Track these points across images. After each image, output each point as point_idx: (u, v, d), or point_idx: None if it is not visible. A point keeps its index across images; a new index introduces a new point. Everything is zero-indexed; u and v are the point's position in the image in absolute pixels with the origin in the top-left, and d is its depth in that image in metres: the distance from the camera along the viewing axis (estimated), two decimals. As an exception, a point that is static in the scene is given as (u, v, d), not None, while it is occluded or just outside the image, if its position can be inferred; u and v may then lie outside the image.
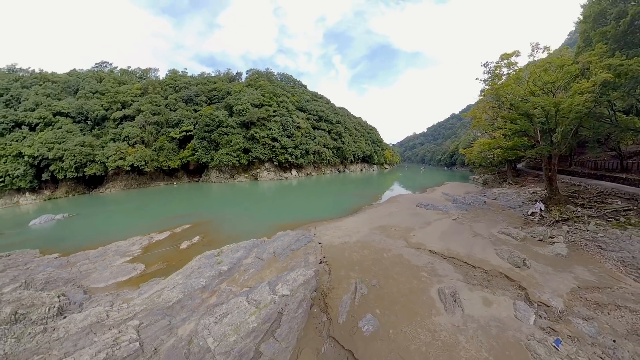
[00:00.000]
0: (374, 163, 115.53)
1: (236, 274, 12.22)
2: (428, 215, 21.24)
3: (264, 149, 68.37)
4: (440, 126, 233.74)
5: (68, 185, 55.44)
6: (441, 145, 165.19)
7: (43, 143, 51.76)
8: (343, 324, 8.38)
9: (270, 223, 22.67)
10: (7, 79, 60.88)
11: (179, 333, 8.04)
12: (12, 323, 9.24)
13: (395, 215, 22.03)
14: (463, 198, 27.95)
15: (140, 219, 29.45)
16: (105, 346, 7.38)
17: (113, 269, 14.79)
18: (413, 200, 29.05)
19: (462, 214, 21.39)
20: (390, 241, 15.37)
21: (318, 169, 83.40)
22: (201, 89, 78.03)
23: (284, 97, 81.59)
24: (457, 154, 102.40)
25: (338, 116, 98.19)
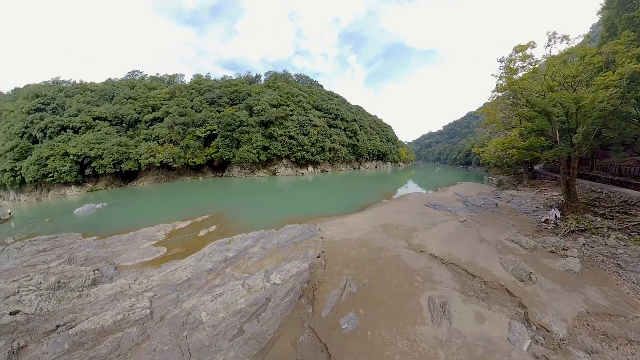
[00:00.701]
0: (389, 161, 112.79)
1: (240, 260, 12.67)
2: (435, 216, 19.77)
3: (282, 147, 69.33)
4: (457, 124, 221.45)
5: (107, 179, 60.23)
6: (457, 144, 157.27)
7: (85, 143, 56.43)
8: (325, 318, 8.21)
9: (281, 216, 22.74)
10: (53, 90, 66.12)
11: (183, 306, 8.94)
12: (55, 289, 10.56)
13: (401, 214, 20.81)
14: (474, 199, 25.86)
15: (167, 209, 31.54)
16: (123, 310, 8.60)
17: (140, 250, 16.26)
18: (423, 199, 27.37)
19: (470, 217, 19.47)
20: (391, 240, 14.52)
21: (333, 165, 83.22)
22: (223, 91, 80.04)
23: (301, 96, 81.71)
24: (473, 154, 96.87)
25: (353, 114, 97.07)
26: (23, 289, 10.43)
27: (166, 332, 7.73)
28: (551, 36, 17.05)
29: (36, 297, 9.73)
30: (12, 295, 9.79)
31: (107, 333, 7.74)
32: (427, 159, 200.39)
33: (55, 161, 54.13)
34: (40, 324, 8.35)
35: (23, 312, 8.82)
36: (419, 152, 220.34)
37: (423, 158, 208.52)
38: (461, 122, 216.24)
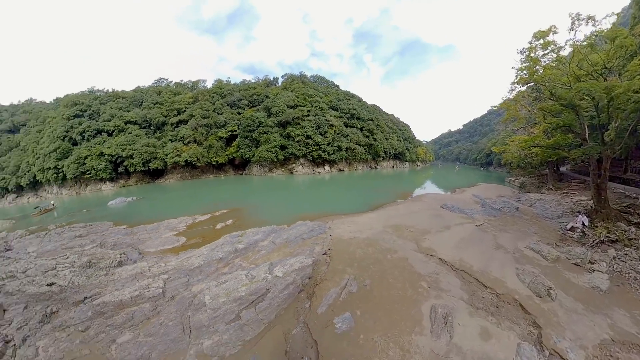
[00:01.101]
0: (406, 160, 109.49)
1: (250, 252, 12.90)
2: (450, 218, 18.32)
3: (299, 146, 69.89)
4: (477, 122, 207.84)
5: (137, 176, 64.51)
6: (477, 143, 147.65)
7: (118, 145, 60.84)
8: (320, 315, 8.04)
9: (295, 213, 22.72)
10: (89, 98, 71.55)
11: (192, 289, 9.48)
12: (86, 267, 11.53)
13: (414, 214, 19.59)
14: (493, 202, 23.76)
15: (189, 203, 33.01)
16: (140, 288, 9.46)
17: (162, 239, 17.21)
18: (439, 200, 25.75)
19: (488, 220, 17.79)
20: (400, 242, 13.64)
21: (350, 165, 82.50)
22: (243, 94, 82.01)
23: (317, 97, 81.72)
24: (494, 153, 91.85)
25: (370, 113, 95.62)
26: (60, 265, 11.54)
27: (173, 310, 8.40)
28: (574, 18, 14.70)
29: (70, 273, 10.76)
30: (50, 270, 10.91)
31: (124, 306, 8.61)
32: (446, 159, 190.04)
33: (92, 160, 59.24)
34: (70, 295, 9.26)
35: (58, 284, 9.85)
36: (437, 152, 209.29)
37: (442, 158, 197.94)
38: (482, 120, 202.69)
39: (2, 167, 66.13)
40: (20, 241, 18.49)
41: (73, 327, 7.71)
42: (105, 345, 7.11)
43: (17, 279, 10.36)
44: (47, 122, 69.14)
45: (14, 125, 75.40)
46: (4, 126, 74.57)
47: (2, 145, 69.81)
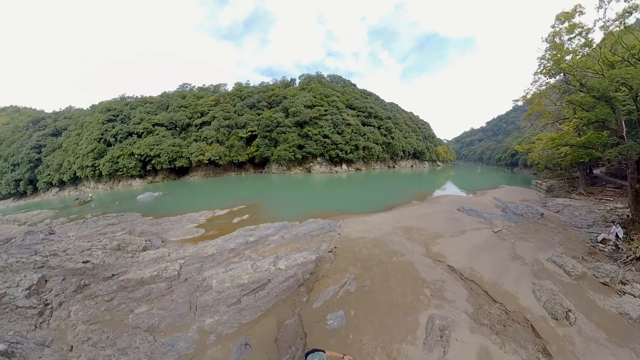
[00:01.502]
0: (426, 160, 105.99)
1: (260, 245, 13.25)
2: (466, 223, 16.98)
3: (316, 145, 70.36)
4: (501, 120, 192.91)
5: (164, 173, 68.63)
6: (501, 142, 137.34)
7: (147, 145, 65.20)
8: (315, 310, 8.07)
9: (308, 210, 22.70)
10: (120, 104, 77.52)
11: (203, 274, 10.12)
12: (116, 250, 12.59)
13: (428, 217, 18.49)
14: (516, 207, 21.47)
15: (210, 198, 34.22)
16: (158, 269, 10.23)
17: (184, 230, 18.03)
18: (456, 202, 23.84)
19: (507, 227, 16.14)
20: (409, 245, 13.03)
21: (367, 164, 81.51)
22: (262, 96, 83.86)
23: (334, 96, 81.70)
24: (520, 153, 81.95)
25: (388, 112, 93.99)
26: (94, 247, 12.63)
27: (184, 290, 8.99)
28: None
29: (102, 254, 11.76)
30: (86, 251, 11.99)
31: (144, 283, 9.33)
32: (468, 159, 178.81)
33: (124, 159, 64.16)
34: (101, 272, 10.16)
35: (91, 262, 10.81)
36: (459, 151, 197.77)
37: (464, 157, 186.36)
38: (506, 118, 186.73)
39: (47, 165, 72.74)
40: (62, 227, 20.31)
41: (100, 297, 8.54)
42: (124, 314, 7.94)
43: (58, 256, 11.50)
44: (84, 126, 75.34)
45: (56, 129, 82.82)
46: (48, 130, 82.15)
47: (47, 146, 76.83)
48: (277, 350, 6.70)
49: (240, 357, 6.46)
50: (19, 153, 75.94)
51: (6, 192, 73.81)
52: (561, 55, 14.38)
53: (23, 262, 10.86)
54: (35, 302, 7.85)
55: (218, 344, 6.91)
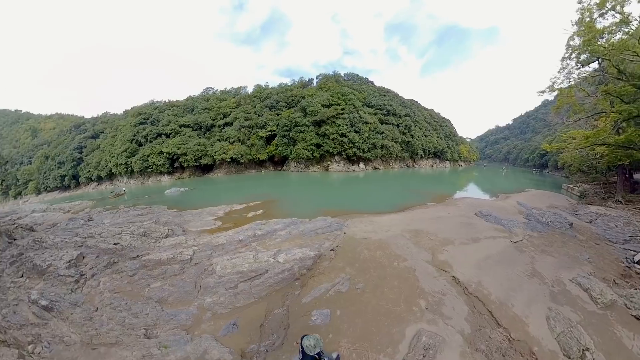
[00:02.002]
0: (447, 159, 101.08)
1: (267, 239, 13.73)
2: (481, 229, 15.40)
3: (334, 144, 70.48)
4: (530, 117, 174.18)
5: (190, 170, 72.69)
6: (530, 141, 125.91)
7: (174, 145, 69.51)
8: (303, 304, 8.23)
9: (319, 208, 22.71)
10: (150, 108, 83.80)
11: (211, 260, 11.03)
12: (142, 236, 14.02)
13: (441, 221, 17.05)
14: (541, 214, 18.89)
15: (230, 194, 35.99)
16: (174, 253, 11.41)
17: (203, 221, 19.21)
18: (475, 206, 21.90)
19: (529, 237, 14.19)
20: (414, 250, 12.21)
21: (386, 163, 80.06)
22: (280, 97, 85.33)
23: (351, 95, 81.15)
24: (550, 154, 73.89)
25: (407, 109, 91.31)
26: (124, 232, 14.10)
27: (193, 273, 10.06)
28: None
29: (130, 238, 13.12)
30: (117, 235, 13.50)
31: (161, 264, 10.61)
32: (493, 159, 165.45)
33: (154, 158, 68.98)
34: (127, 252, 11.42)
35: (120, 244, 12.14)
36: (483, 151, 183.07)
37: (489, 157, 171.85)
38: (535, 114, 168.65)
39: (87, 163, 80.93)
40: (98, 215, 22.44)
41: (124, 272, 9.79)
42: (142, 287, 9.15)
43: (94, 238, 12.99)
44: (118, 129, 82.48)
45: (94, 132, 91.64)
46: (88, 134, 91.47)
47: (87, 147, 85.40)
48: (260, 335, 7.11)
49: (227, 334, 7.10)
50: (64, 153, 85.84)
51: (54, 186, 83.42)
52: (592, 36, 12.05)
53: (66, 242, 12.43)
54: (73, 273, 9.11)
55: (212, 320, 7.69)
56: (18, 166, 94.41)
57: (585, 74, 16.66)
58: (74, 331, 6.45)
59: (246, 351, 6.64)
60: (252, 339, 7.03)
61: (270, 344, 6.76)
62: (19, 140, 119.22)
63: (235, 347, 6.68)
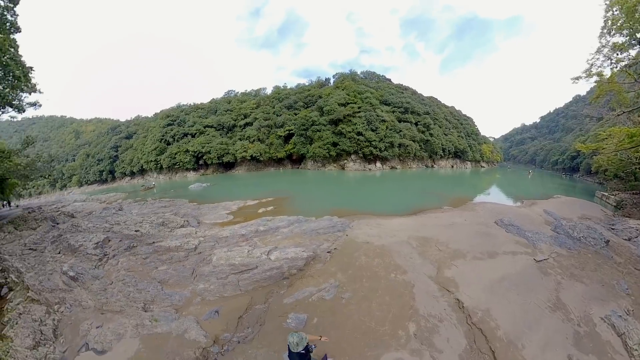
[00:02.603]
0: (468, 160, 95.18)
1: (268, 235, 13.93)
2: (500, 241, 13.05)
3: (350, 143, 70.08)
4: (559, 114, 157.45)
5: (214, 167, 77.14)
6: (559, 141, 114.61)
7: (199, 144, 73.88)
8: (284, 305, 8.11)
9: (328, 206, 22.42)
10: (177, 111, 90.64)
11: (213, 251, 11.70)
12: (160, 225, 15.41)
13: (455, 228, 15.06)
14: (572, 226, 15.55)
15: (247, 190, 37.24)
16: (182, 242, 12.52)
17: (217, 215, 20.33)
18: (495, 212, 19.00)
19: (556, 255, 11.59)
20: (418, 261, 10.78)
21: (403, 162, 78.07)
22: (298, 97, 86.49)
23: (367, 93, 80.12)
24: (582, 156, 67.64)
25: (426, 106, 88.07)
26: (145, 222, 15.53)
27: (194, 260, 10.81)
28: None
29: (149, 227, 14.47)
30: (138, 223, 14.94)
31: (170, 251, 11.69)
32: (518, 160, 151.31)
33: (180, 155, 74.22)
34: (145, 239, 12.72)
35: (140, 231, 13.51)
36: (508, 151, 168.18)
37: (513, 159, 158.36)
38: (565, 111, 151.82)
39: (122, 160, 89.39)
40: (128, 206, 24.60)
41: (139, 255, 10.98)
42: (151, 269, 10.25)
43: (120, 225, 14.46)
44: (149, 130, 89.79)
45: (128, 133, 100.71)
46: (122, 135, 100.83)
47: (122, 146, 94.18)
48: (237, 326, 7.33)
49: (208, 319, 7.55)
50: (102, 151, 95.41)
51: (93, 179, 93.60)
52: (634, 1, 9.09)
53: (97, 227, 14.02)
54: (98, 252, 10.41)
55: (199, 305, 8.30)
56: (63, 163, 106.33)
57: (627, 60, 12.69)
58: (90, 298, 7.63)
59: (220, 338, 6.88)
60: (229, 328, 7.27)
61: (243, 336, 6.91)
62: (64, 141, 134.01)
63: (211, 332, 6.99)
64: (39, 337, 5.99)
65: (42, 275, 8.43)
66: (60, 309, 6.99)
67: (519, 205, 23.98)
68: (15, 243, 12.06)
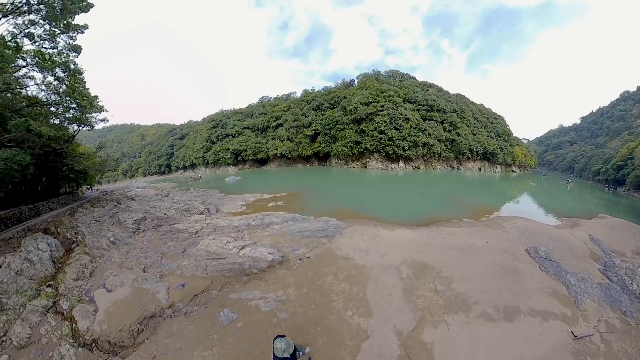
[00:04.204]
0: (498, 163, 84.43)
1: (258, 230, 14.40)
2: (529, 289, 8.86)
3: (372, 141, 69.22)
4: (604, 114, 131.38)
5: (250, 163, 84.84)
6: (603, 147, 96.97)
7: (238, 143, 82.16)
8: (229, 298, 8.34)
9: (335, 206, 21.44)
10: (220, 116, 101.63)
11: (209, 237, 13.22)
12: (184, 211, 18.25)
13: (470, 255, 11.02)
14: (629, 271, 11.03)
15: (270, 184, 39.79)
16: (189, 226, 14.86)
17: (234, 205, 22.52)
18: (529, 234, 14.32)
19: (605, 327, 7.51)
20: (395, 303, 7.78)
21: (428, 162, 73.72)
22: (324, 99, 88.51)
23: (391, 91, 77.63)
24: (630, 166, 56.43)
25: (452, 104, 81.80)
26: (173, 207, 18.83)
27: (191, 242, 12.61)
28: None
29: (174, 211, 17.66)
30: (167, 208, 18.23)
31: (179, 232, 14.12)
32: (554, 167, 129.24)
33: (223, 153, 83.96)
34: (169, 220, 15.77)
35: (167, 215, 16.66)
36: (542, 156, 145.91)
37: (548, 164, 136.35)
38: (611, 111, 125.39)
39: (177, 156, 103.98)
40: (174, 193, 28.88)
41: (160, 232, 13.84)
42: (162, 243, 12.67)
43: (156, 209, 18.00)
44: (198, 132, 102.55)
45: (182, 135, 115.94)
46: (177, 136, 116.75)
47: (176, 145, 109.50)
48: (190, 301, 8.26)
49: (175, 289, 8.70)
50: (161, 150, 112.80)
51: (154, 171, 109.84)
52: None
53: (141, 209, 17.52)
54: (135, 226, 13.59)
55: (176, 277, 9.51)
56: (132, 159, 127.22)
57: None
58: (118, 257, 10.46)
59: (175, 305, 8.02)
60: (184, 300, 8.21)
61: (189, 310, 7.86)
62: (133, 142, 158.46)
63: (172, 299, 8.26)
64: (80, 274, 8.95)
65: (95, 238, 11.70)
66: (99, 260, 9.98)
67: (557, 226, 19.04)
68: (88, 216, 15.79)
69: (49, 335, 6.73)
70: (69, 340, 6.66)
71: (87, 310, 7.52)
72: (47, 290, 8.25)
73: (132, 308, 7.71)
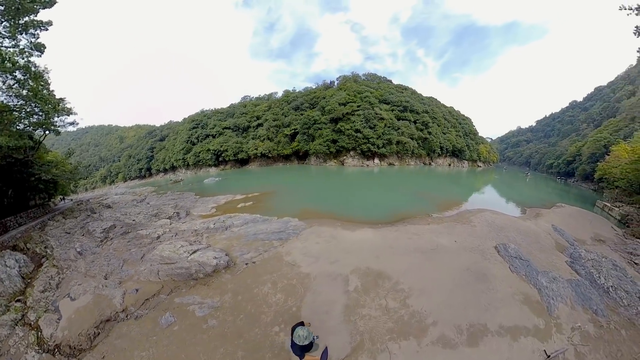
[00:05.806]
0: (465, 159, 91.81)
1: (217, 233, 14.32)
2: (498, 298, 7.99)
3: (349, 140, 71.13)
4: (555, 119, 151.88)
5: (231, 163, 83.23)
6: (555, 145, 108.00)
7: (218, 143, 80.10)
8: (173, 302, 8.56)
9: (300, 205, 21.35)
10: (200, 116, 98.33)
11: (169, 242, 13.23)
12: (152, 215, 18.71)
13: (436, 259, 10.09)
14: (595, 263, 10.95)
15: (245, 184, 38.56)
16: (151, 232, 15.06)
17: (204, 208, 22.26)
18: (497, 227, 14.10)
19: (578, 336, 6.93)
20: (332, 322, 6.99)
21: (401, 159, 77.16)
22: (305, 99, 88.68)
23: (367, 92, 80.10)
24: (578, 161, 64.34)
25: (425, 106, 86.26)
26: (141, 213, 19.11)
27: (151, 247, 12.69)
28: None
29: (142, 217, 17.88)
30: (136, 214, 18.61)
31: (143, 238, 14.51)
32: (513, 162, 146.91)
33: (203, 154, 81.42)
34: (136, 226, 16.15)
35: (135, 221, 17.13)
36: (503, 152, 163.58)
37: (508, 160, 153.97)
38: (561, 116, 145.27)
39: (157, 159, 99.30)
40: (151, 198, 28.31)
41: (126, 239, 14.13)
42: (126, 249, 12.98)
43: (126, 215, 18.38)
44: (178, 133, 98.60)
45: (162, 136, 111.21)
46: (157, 138, 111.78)
47: (156, 147, 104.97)
48: (141, 304, 8.59)
49: (131, 294, 9.03)
50: (141, 152, 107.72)
51: (134, 175, 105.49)
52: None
53: (111, 217, 17.75)
54: (103, 235, 14.14)
55: (133, 282, 9.73)
56: (111, 163, 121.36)
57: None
58: (84, 266, 10.95)
59: (128, 308, 8.47)
60: (136, 304, 8.49)
61: (140, 314, 8.09)
62: (111, 145, 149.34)
63: (126, 303, 8.64)
64: (47, 286, 9.43)
65: (63, 250, 12.10)
66: (66, 271, 10.51)
67: (522, 217, 19.49)
68: (59, 229, 15.51)
69: (17, 345, 7.13)
70: (34, 347, 7.12)
71: (51, 319, 7.98)
72: (16, 305, 8.65)
73: (91, 313, 8.16)
